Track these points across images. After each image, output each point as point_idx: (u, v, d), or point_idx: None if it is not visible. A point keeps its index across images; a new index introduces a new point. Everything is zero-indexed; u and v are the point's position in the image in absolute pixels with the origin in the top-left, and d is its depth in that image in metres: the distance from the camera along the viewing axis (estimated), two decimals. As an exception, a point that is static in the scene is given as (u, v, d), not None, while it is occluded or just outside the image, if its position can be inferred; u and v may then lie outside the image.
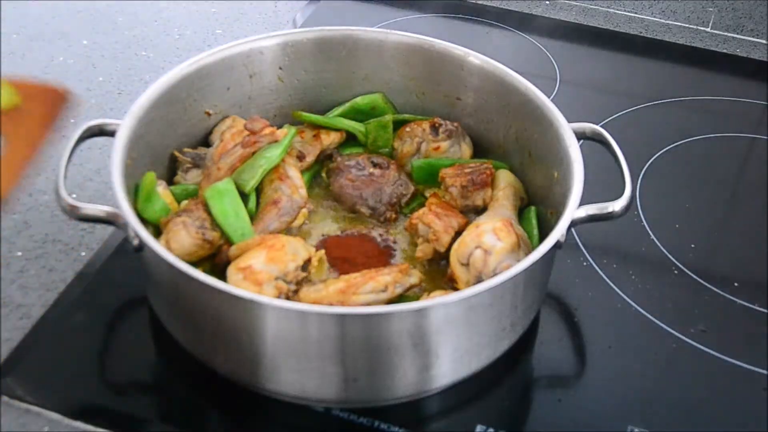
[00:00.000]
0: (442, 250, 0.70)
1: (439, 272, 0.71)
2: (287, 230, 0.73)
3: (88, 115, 0.93)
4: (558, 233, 0.61)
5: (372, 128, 0.82)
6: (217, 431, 0.64)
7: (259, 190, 0.74)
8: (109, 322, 0.71)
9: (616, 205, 0.66)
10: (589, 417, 0.66)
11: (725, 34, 1.19)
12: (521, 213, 0.74)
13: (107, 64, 1.04)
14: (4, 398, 0.65)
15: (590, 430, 0.65)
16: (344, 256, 0.73)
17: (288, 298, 0.63)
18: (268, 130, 0.75)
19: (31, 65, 1.03)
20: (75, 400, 0.64)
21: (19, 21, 1.10)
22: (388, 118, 0.82)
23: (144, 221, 0.67)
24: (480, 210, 0.75)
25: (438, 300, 0.58)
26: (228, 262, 0.66)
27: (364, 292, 0.64)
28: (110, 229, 0.78)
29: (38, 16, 1.12)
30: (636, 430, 0.64)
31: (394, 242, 0.75)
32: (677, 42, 1.17)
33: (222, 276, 0.64)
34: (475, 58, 0.80)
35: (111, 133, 0.69)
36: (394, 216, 0.77)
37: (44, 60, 1.04)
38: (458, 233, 0.70)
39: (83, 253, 0.77)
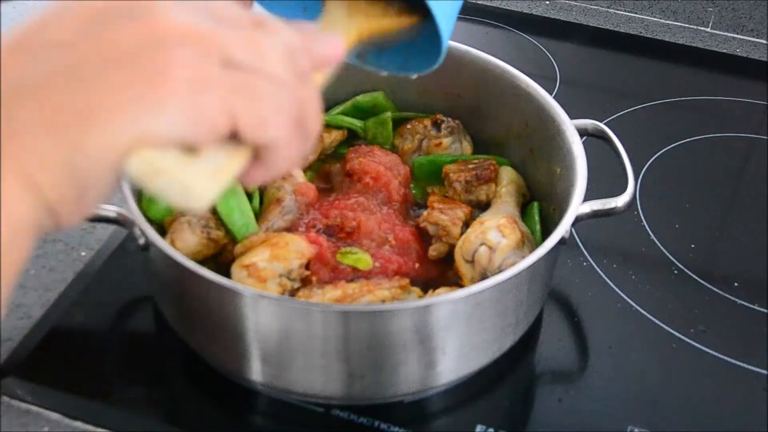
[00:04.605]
0: (455, 242, 0.69)
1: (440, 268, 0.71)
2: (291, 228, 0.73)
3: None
4: (563, 229, 0.61)
5: (371, 125, 0.82)
6: (219, 431, 0.64)
7: (262, 188, 0.73)
8: (110, 321, 0.71)
9: (619, 201, 0.66)
10: (589, 417, 0.65)
11: (725, 34, 1.20)
12: (523, 209, 0.74)
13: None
14: (4, 398, 0.64)
15: (590, 430, 0.64)
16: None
17: (292, 295, 0.63)
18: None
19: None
20: (75, 400, 0.64)
21: (19, 21, 1.10)
22: (387, 114, 0.82)
23: (148, 220, 0.67)
24: (483, 205, 0.75)
25: (445, 297, 0.58)
26: (233, 261, 0.66)
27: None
28: (110, 229, 0.78)
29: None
30: (636, 430, 0.64)
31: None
32: (677, 42, 1.17)
33: (227, 275, 0.64)
34: (476, 55, 0.80)
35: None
36: None
37: (44, 59, 1.03)
38: (465, 223, 0.70)
39: (83, 253, 0.77)
